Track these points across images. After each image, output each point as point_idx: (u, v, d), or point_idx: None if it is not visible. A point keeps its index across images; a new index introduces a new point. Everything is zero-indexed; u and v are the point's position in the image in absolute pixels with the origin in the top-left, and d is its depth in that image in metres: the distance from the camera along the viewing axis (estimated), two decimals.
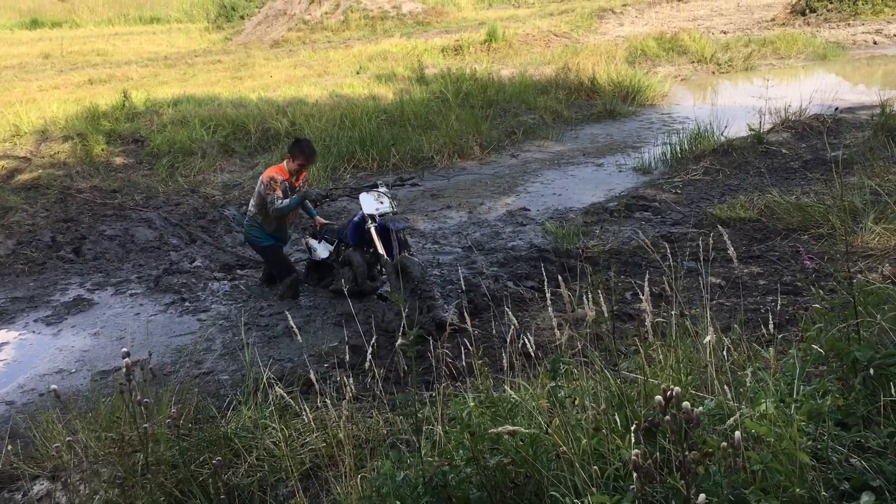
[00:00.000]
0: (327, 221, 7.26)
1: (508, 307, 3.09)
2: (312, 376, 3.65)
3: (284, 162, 6.52)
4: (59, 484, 4.11)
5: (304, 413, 3.59)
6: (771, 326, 2.66)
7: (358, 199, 6.37)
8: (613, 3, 27.92)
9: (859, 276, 5.39)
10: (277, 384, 4.10)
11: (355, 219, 6.47)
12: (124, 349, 2.78)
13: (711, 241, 4.14)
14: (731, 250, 2.91)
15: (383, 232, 6.16)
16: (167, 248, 8.14)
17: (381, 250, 6.09)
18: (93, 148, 11.23)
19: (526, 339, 2.54)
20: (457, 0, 30.77)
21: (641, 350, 2.52)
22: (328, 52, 20.76)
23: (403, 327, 2.53)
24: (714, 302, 5.67)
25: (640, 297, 5.51)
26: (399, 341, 2.52)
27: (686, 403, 1.66)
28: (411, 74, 15.29)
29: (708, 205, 7.92)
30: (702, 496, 1.60)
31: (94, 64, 21.69)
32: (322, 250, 6.88)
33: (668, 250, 6.18)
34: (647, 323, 2.37)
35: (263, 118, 11.90)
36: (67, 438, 3.77)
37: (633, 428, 1.86)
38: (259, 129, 11.66)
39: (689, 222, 7.53)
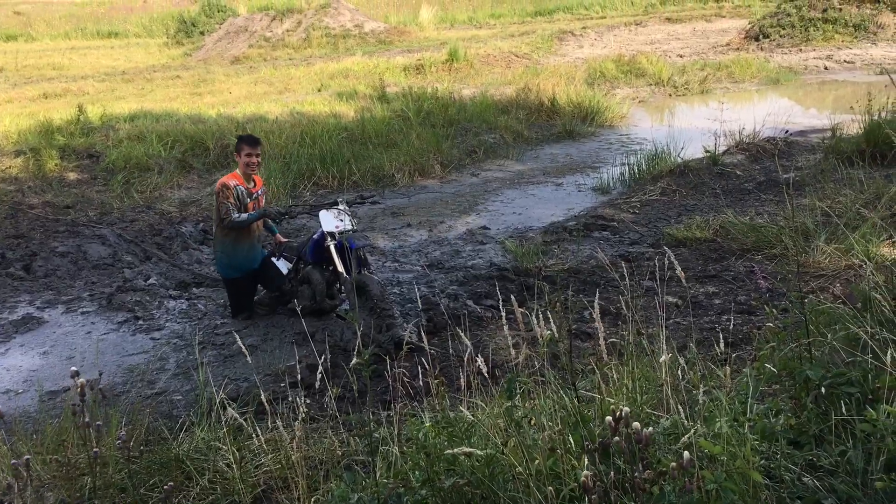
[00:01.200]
0: (286, 240, 7.18)
1: (466, 326, 3.08)
2: (263, 397, 3.59)
3: (237, 168, 6.39)
4: None
5: (255, 435, 3.51)
6: (723, 345, 2.67)
7: (318, 216, 6.32)
8: (573, 26, 28.33)
9: (811, 296, 5.50)
10: (231, 405, 4.03)
11: (315, 236, 6.41)
12: (74, 368, 2.70)
13: (667, 261, 4.18)
14: (679, 271, 2.93)
15: (343, 250, 6.13)
16: (121, 265, 7.97)
17: (340, 268, 6.06)
18: (46, 163, 11.00)
19: (480, 360, 2.53)
20: (419, 20, 30.94)
21: (597, 369, 2.52)
22: (289, 69, 20.69)
23: (359, 346, 2.49)
24: (671, 321, 5.73)
25: (598, 316, 5.54)
26: (354, 361, 2.48)
27: (636, 424, 1.65)
28: (373, 93, 15.30)
29: (665, 225, 8.02)
30: None
31: (49, 78, 21.32)
32: (281, 267, 6.80)
33: (626, 270, 6.23)
34: (601, 342, 2.37)
35: (222, 134, 11.78)
36: (12, 462, 3.64)
37: (586, 447, 1.85)
38: (218, 145, 11.54)
39: (647, 242, 7.61)
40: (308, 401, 5.05)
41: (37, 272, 7.77)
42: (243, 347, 3.31)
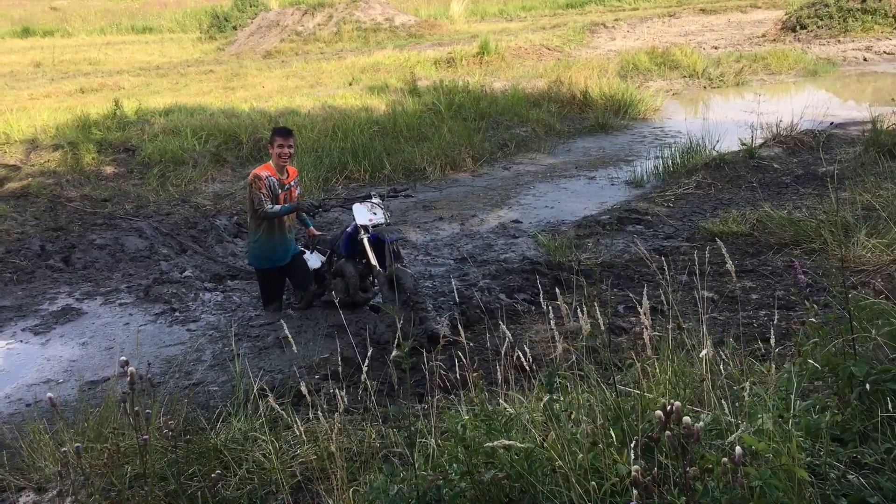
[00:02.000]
0: (320, 233, 7.22)
1: (502, 320, 3.07)
2: (304, 388, 3.62)
3: (270, 160, 6.44)
4: (47, 496, 4.05)
5: (294, 425, 3.54)
6: (772, 341, 2.63)
7: (351, 209, 6.34)
8: (605, 18, 28.10)
9: (853, 291, 5.40)
10: (268, 395, 4.07)
11: (348, 229, 6.44)
12: (123, 358, 2.75)
13: (706, 255, 4.13)
14: (729, 264, 2.90)
15: (376, 243, 6.14)
16: (157, 257, 8.08)
17: (373, 261, 6.07)
18: (83, 157, 11.17)
19: (520, 353, 2.52)
20: (449, 13, 30.88)
21: (637, 364, 2.50)
22: (321, 63, 20.77)
23: (398, 339, 2.50)
24: (707, 316, 5.66)
25: (634, 309, 5.49)
26: (394, 353, 2.49)
27: (686, 419, 1.64)
28: (404, 86, 15.30)
29: (700, 218, 7.93)
30: None
31: (85, 73, 21.63)
32: (314, 261, 6.83)
33: (662, 264, 6.18)
34: (645, 336, 2.35)
35: (255, 128, 11.87)
36: (62, 450, 3.70)
37: (632, 443, 1.84)
38: (251, 139, 11.63)
39: (682, 236, 7.54)
40: (343, 393, 5.10)
41: (76, 264, 7.91)
42: (288, 336, 3.32)
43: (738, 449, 1.57)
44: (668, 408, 1.64)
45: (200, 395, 5.21)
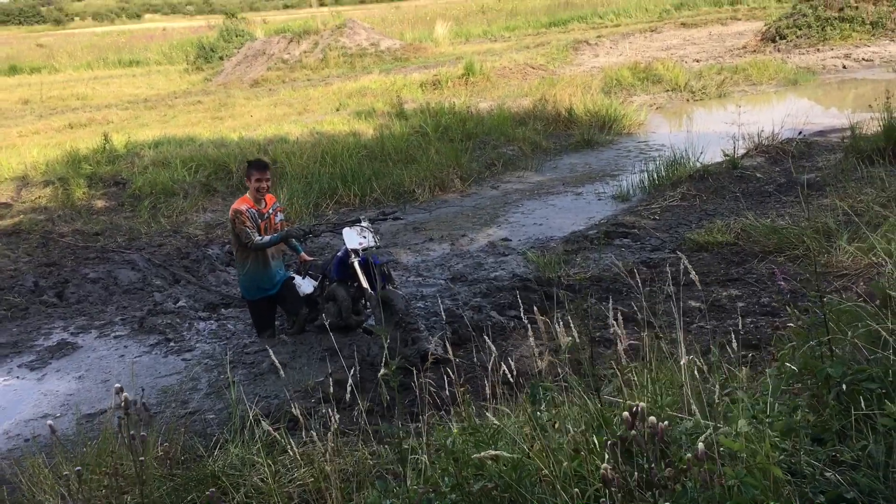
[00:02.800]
0: (311, 258, 7.30)
1: (489, 336, 3.15)
2: (296, 411, 3.69)
3: (247, 192, 6.53)
4: None
5: (290, 448, 3.60)
6: (737, 346, 2.73)
7: (341, 234, 6.43)
8: (588, 35, 28.42)
9: (833, 295, 5.50)
10: (264, 420, 4.13)
11: (339, 254, 6.53)
12: (118, 385, 2.82)
13: (685, 266, 4.23)
14: (693, 275, 2.99)
15: (367, 266, 6.23)
16: (151, 289, 8.14)
17: (364, 284, 6.15)
18: (74, 192, 11.26)
19: (506, 367, 2.60)
20: (434, 35, 31.18)
21: (619, 373, 2.58)
22: (308, 89, 20.95)
23: (386, 358, 2.58)
24: (694, 325, 5.76)
25: (621, 321, 5.59)
26: (382, 371, 2.57)
27: (651, 418, 1.72)
28: (391, 110, 15.46)
29: (686, 230, 8.04)
30: None
31: (73, 108, 21.77)
32: (306, 286, 6.91)
33: (648, 276, 6.28)
34: (620, 348, 2.44)
35: (244, 157, 11.93)
36: (64, 474, 3.74)
37: (607, 444, 1.92)
38: (240, 167, 11.69)
39: (668, 248, 7.64)
40: (338, 415, 5.16)
41: (69, 299, 7.96)
42: (276, 361, 3.41)
43: (700, 445, 1.65)
44: (634, 409, 1.73)
45: (197, 423, 5.26)
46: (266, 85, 24.08)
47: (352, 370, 3.24)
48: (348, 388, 2.92)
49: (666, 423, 1.80)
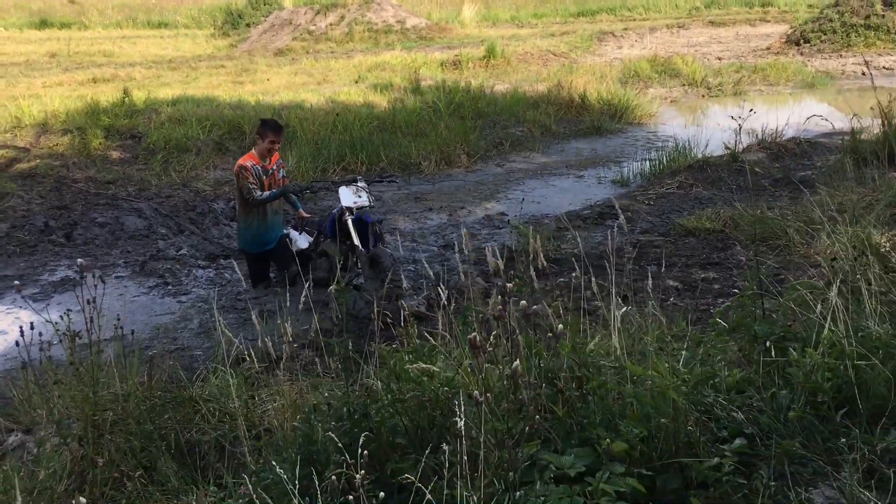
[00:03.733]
0: (309, 215, 7.53)
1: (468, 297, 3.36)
2: (269, 348, 3.94)
3: (253, 148, 6.76)
4: (32, 436, 4.40)
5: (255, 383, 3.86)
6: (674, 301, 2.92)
7: (337, 192, 6.67)
8: (614, 27, 28.39)
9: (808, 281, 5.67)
10: (247, 358, 4.41)
11: (334, 212, 6.76)
12: (80, 259, 3.06)
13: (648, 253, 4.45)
14: (620, 218, 3.18)
15: (360, 224, 6.46)
16: (155, 236, 8.43)
17: (356, 241, 6.39)
18: (91, 141, 11.55)
19: (443, 290, 2.83)
20: (461, 17, 31.24)
21: (547, 306, 2.80)
22: (329, 61, 21.15)
23: (336, 277, 2.80)
24: (669, 302, 5.96)
25: (602, 295, 5.80)
26: (331, 287, 2.80)
27: (523, 302, 1.94)
28: (407, 85, 15.65)
29: (677, 216, 8.22)
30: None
31: (99, 64, 22.07)
32: (302, 241, 7.14)
33: (629, 255, 6.46)
34: (540, 263, 2.65)
35: (259, 119, 12.20)
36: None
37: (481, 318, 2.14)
38: (254, 129, 11.96)
39: (658, 231, 7.82)
40: (317, 360, 5.41)
41: (76, 240, 8.27)
42: (255, 318, 3.63)
43: (559, 326, 1.86)
44: (504, 288, 1.94)
45: (185, 359, 5.54)
46: (290, 54, 24.29)
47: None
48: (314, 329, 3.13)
49: (537, 307, 2.01)
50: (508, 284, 1.93)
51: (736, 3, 35.02)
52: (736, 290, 6.08)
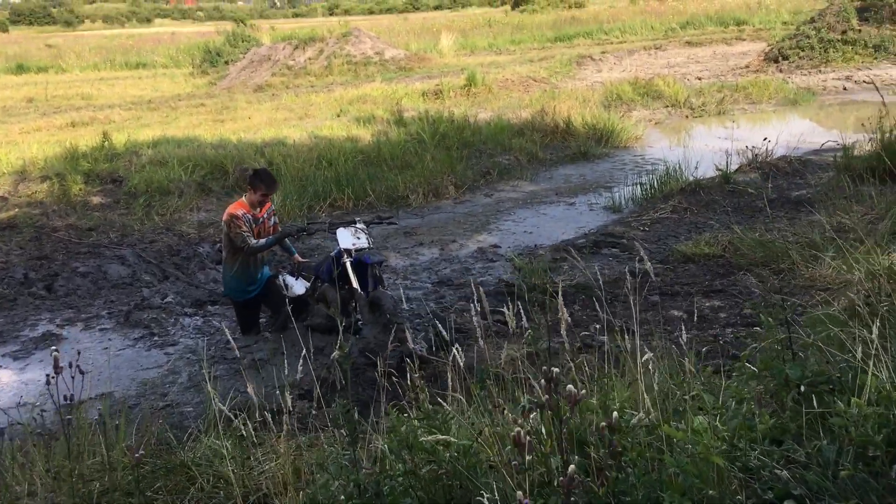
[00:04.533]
0: (305, 259, 7.26)
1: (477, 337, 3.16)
2: (255, 401, 3.69)
3: (244, 196, 6.52)
4: None
5: (253, 445, 3.62)
6: (684, 334, 2.73)
7: (335, 234, 6.43)
8: (592, 51, 28.52)
9: (817, 307, 5.50)
10: (240, 414, 4.16)
11: (332, 254, 6.52)
12: (54, 348, 2.84)
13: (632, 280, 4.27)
14: (648, 264, 2.99)
15: (358, 266, 6.22)
16: (140, 284, 8.17)
17: (355, 284, 6.14)
18: (70, 188, 11.30)
19: (459, 354, 2.62)
20: (439, 47, 31.32)
21: (571, 362, 2.60)
22: (310, 95, 21.04)
23: (339, 342, 2.59)
24: (675, 334, 5.76)
25: (604, 328, 5.58)
26: (334, 354, 2.58)
27: (570, 387, 1.73)
28: (390, 117, 15.52)
29: (674, 242, 8.06)
30: None
31: (77, 107, 21.85)
32: (298, 287, 6.88)
33: (630, 285, 6.24)
34: (563, 326, 2.45)
35: (242, 158, 12.03)
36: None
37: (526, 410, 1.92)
38: (237, 168, 11.77)
39: (656, 259, 7.65)
40: (314, 412, 5.17)
41: (58, 291, 7.99)
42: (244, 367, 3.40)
43: (615, 415, 1.65)
44: (550, 374, 1.74)
45: (174, 416, 5.28)
46: (270, 90, 24.17)
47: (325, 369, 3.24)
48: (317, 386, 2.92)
49: (584, 391, 1.81)
50: (554, 369, 1.72)
51: (711, 22, 35.40)
52: (744, 319, 5.91)
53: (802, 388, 2.86)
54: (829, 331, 3.27)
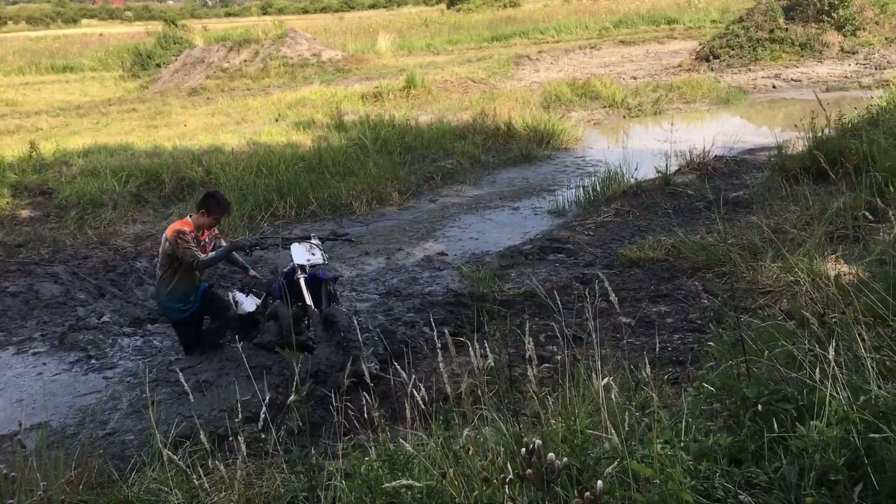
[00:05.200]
0: (255, 276, 7.03)
1: (421, 352, 3.09)
2: (203, 438, 3.56)
3: (189, 216, 6.31)
4: None
5: (197, 477, 3.48)
6: (648, 370, 2.73)
7: (289, 249, 6.27)
8: (529, 50, 28.73)
9: (755, 312, 5.60)
10: (184, 442, 4.00)
11: (285, 270, 6.36)
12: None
13: (605, 287, 4.26)
14: (612, 297, 2.98)
15: (312, 282, 6.07)
16: (74, 303, 7.86)
17: (308, 301, 5.99)
18: None
19: (423, 391, 2.55)
20: (376, 47, 31.16)
21: (535, 396, 2.55)
22: (247, 99, 20.66)
23: (297, 385, 2.50)
24: (624, 341, 5.79)
25: (554, 338, 5.57)
26: (292, 398, 2.49)
27: (551, 455, 1.68)
28: (330, 122, 15.33)
29: (619, 245, 8.12)
30: None
31: (1, 115, 21.04)
32: (248, 304, 6.68)
33: (578, 292, 6.29)
34: (530, 373, 2.41)
35: (178, 167, 11.72)
36: None
37: (507, 480, 1.88)
38: (173, 178, 11.47)
39: (602, 263, 7.71)
40: (263, 435, 5.03)
41: None
42: (186, 386, 3.27)
43: (599, 483, 1.62)
44: (531, 446, 1.69)
45: (115, 446, 5.08)
46: (204, 94, 23.67)
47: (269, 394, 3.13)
48: (262, 415, 2.82)
49: (565, 460, 1.77)
50: (537, 441, 1.66)
51: (643, 21, 36.04)
52: (690, 324, 5.98)
53: (760, 408, 2.88)
54: (780, 346, 3.30)
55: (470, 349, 3.08)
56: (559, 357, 5.72)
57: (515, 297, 6.96)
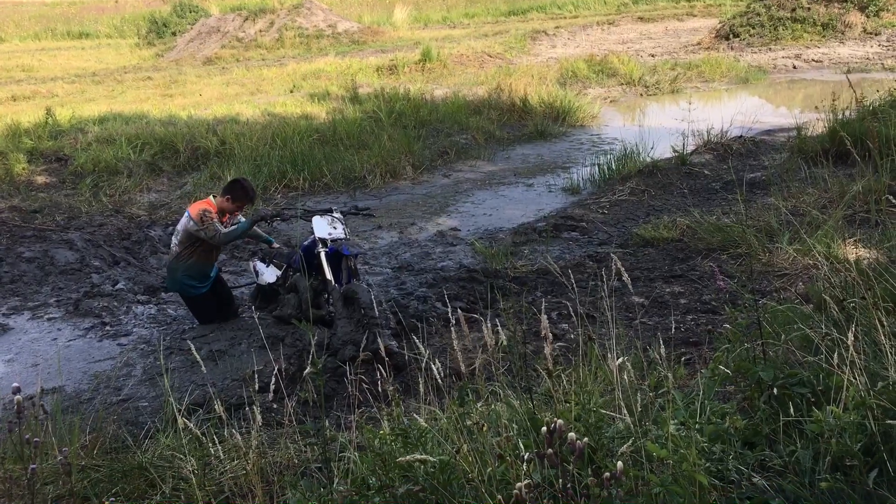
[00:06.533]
0: (279, 246, 6.99)
1: (433, 330, 3.09)
2: (219, 407, 3.57)
3: (211, 197, 6.28)
4: None
5: (212, 444, 3.50)
6: (662, 350, 2.71)
7: (310, 221, 6.24)
8: (546, 26, 28.44)
9: (774, 294, 5.57)
10: (198, 410, 4.02)
11: (305, 242, 6.32)
12: (15, 384, 2.69)
13: (618, 267, 4.24)
14: (625, 276, 2.96)
15: (333, 257, 6.05)
16: (89, 270, 7.90)
17: (328, 276, 5.95)
18: (13, 167, 10.87)
19: (438, 367, 2.55)
20: (392, 19, 30.90)
21: (547, 377, 2.55)
22: (262, 70, 20.59)
23: (312, 356, 2.50)
24: (636, 321, 5.78)
25: (567, 316, 5.57)
26: (307, 370, 2.49)
27: (571, 434, 1.68)
28: (345, 94, 15.27)
29: (633, 225, 8.08)
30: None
31: (18, 80, 21.05)
32: (269, 275, 6.65)
33: (591, 271, 6.28)
34: (547, 351, 2.40)
35: (193, 137, 11.71)
36: None
37: (526, 458, 1.87)
38: (188, 147, 11.46)
39: (615, 242, 7.67)
40: (276, 405, 5.06)
41: (2, 278, 7.68)
42: (197, 357, 3.29)
43: (619, 464, 1.61)
44: (553, 425, 1.68)
45: (129, 412, 5.11)
46: (219, 63, 23.60)
47: (279, 363, 3.14)
48: (272, 381, 2.83)
49: (585, 440, 1.76)
50: (559, 421, 1.66)
51: None
52: (704, 305, 5.96)
53: (775, 391, 2.87)
54: (797, 329, 3.28)
55: (483, 325, 3.07)
56: (572, 335, 5.75)
57: (528, 274, 6.94)
